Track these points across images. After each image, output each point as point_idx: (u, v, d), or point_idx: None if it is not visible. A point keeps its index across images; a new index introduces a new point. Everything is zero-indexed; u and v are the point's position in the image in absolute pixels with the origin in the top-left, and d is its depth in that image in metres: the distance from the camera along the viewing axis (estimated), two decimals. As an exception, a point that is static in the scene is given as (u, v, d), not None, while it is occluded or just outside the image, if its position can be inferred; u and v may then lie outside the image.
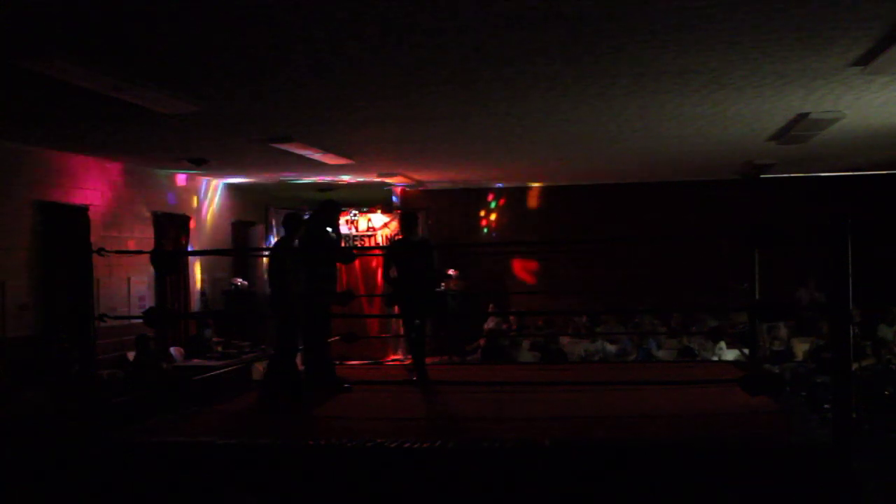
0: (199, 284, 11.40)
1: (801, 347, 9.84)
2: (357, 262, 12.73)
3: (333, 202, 6.63)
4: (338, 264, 8.63)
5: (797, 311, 10.58)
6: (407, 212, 7.68)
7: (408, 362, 7.31)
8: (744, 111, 6.95)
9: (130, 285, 9.70)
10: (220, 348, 10.03)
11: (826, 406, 6.51)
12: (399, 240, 7.49)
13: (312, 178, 11.48)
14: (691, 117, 7.19)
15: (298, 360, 6.44)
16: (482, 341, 10.77)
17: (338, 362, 6.91)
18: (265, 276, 8.12)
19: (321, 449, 4.51)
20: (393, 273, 6.87)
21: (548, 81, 5.75)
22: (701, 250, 11.34)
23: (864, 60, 5.20)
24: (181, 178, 11.08)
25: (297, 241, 6.44)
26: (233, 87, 5.75)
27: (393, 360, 12.39)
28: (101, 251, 5.02)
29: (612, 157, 10.12)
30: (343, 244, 12.75)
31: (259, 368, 9.30)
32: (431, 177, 12.24)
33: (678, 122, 7.41)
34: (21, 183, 8.11)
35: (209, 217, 11.86)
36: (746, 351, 7.64)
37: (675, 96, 6.30)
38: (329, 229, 6.55)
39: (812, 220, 11.63)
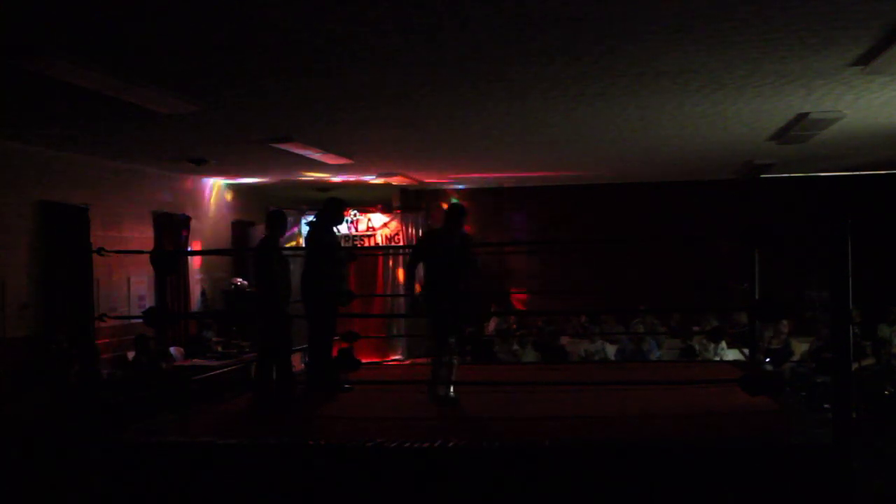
0: (199, 284, 11.41)
1: (800, 347, 9.84)
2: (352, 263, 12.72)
3: (337, 200, 6.60)
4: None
5: (798, 310, 10.60)
6: (455, 203, 6.28)
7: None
8: (744, 111, 6.95)
9: (130, 285, 9.70)
10: (220, 348, 10.03)
11: (826, 406, 6.51)
12: (436, 231, 6.22)
13: (312, 177, 11.48)
14: (691, 117, 7.19)
15: (296, 359, 6.42)
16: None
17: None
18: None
19: (321, 449, 4.52)
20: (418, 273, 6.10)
21: (548, 81, 5.75)
22: (701, 250, 11.34)
23: (864, 60, 5.20)
24: (181, 178, 11.08)
25: (283, 240, 6.42)
26: (233, 87, 5.75)
27: (393, 361, 12.39)
28: (101, 251, 5.03)
29: (612, 157, 10.12)
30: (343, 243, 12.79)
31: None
32: (432, 177, 12.24)
33: (678, 122, 7.41)
34: (21, 183, 8.11)
35: (209, 217, 11.87)
36: (746, 351, 7.64)
37: (675, 96, 6.30)
38: (337, 228, 6.53)
39: (812, 220, 11.78)
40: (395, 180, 12.08)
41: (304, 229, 12.64)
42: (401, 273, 13.09)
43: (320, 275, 6.20)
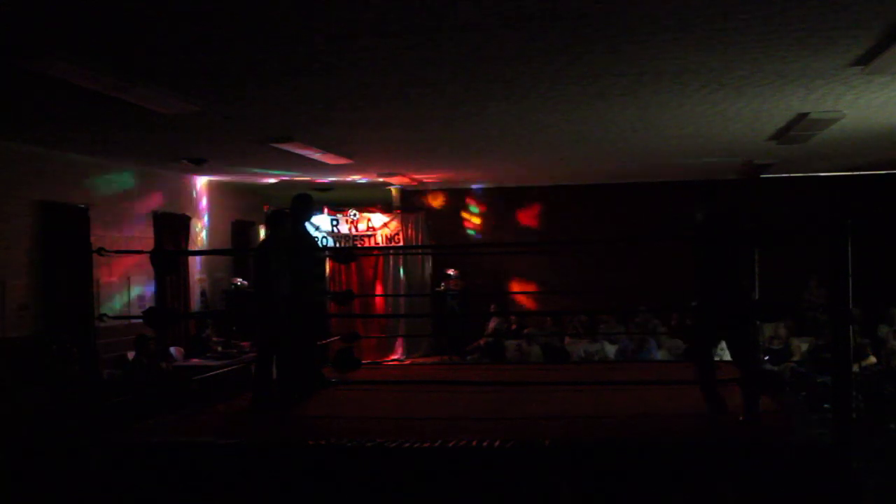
0: (199, 284, 11.40)
1: (800, 347, 9.83)
2: (353, 263, 12.74)
3: (305, 195, 6.53)
4: (333, 264, 8.26)
5: (798, 310, 10.58)
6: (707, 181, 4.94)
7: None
8: (744, 111, 6.95)
9: (130, 285, 9.70)
10: (220, 348, 10.02)
11: (826, 406, 6.51)
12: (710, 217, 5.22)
13: (312, 178, 11.48)
14: (691, 117, 7.19)
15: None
16: (482, 341, 10.76)
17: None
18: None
19: (321, 449, 4.51)
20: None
21: (548, 81, 5.75)
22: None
23: (864, 60, 5.20)
24: (181, 178, 11.08)
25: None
26: (233, 87, 5.75)
27: (393, 360, 12.40)
28: (101, 251, 5.02)
29: (613, 157, 10.12)
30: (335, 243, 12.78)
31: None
32: (432, 177, 12.25)
33: (678, 122, 7.41)
34: (21, 183, 8.11)
35: (209, 217, 11.87)
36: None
37: (675, 96, 6.30)
38: (311, 226, 6.42)
39: (812, 220, 11.77)
40: (395, 180, 12.08)
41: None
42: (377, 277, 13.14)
43: (303, 275, 6.16)
